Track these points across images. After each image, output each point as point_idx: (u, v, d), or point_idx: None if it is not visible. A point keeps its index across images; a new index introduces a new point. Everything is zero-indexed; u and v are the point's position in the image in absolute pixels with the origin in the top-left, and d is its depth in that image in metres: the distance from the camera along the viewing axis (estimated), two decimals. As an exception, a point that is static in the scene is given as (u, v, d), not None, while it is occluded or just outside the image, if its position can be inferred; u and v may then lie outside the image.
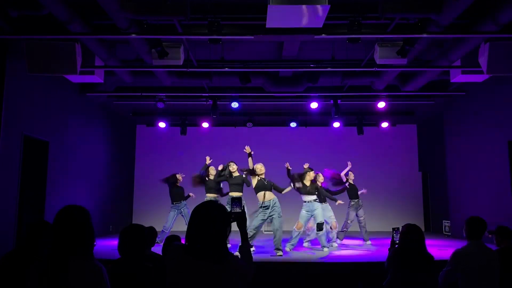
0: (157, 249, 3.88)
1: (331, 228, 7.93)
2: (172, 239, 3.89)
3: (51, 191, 7.55)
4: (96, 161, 9.92)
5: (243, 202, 6.90)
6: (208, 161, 8.10)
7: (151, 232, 4.00)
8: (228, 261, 2.03)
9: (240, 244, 2.32)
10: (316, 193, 7.61)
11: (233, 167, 7.69)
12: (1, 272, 2.86)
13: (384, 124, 11.43)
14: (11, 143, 6.43)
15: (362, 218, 8.37)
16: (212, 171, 8.00)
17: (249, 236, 6.60)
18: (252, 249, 6.44)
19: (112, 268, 2.54)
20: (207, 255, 2.01)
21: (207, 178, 7.93)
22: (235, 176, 7.62)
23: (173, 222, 8.38)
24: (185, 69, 7.21)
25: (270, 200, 7.13)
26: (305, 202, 7.57)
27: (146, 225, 4.15)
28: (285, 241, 7.43)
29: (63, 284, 1.92)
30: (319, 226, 7.30)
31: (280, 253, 6.85)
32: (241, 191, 7.58)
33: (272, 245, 7.16)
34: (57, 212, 2.10)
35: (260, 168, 7.34)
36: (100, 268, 2.03)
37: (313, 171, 7.77)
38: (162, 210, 11.36)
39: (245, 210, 7.23)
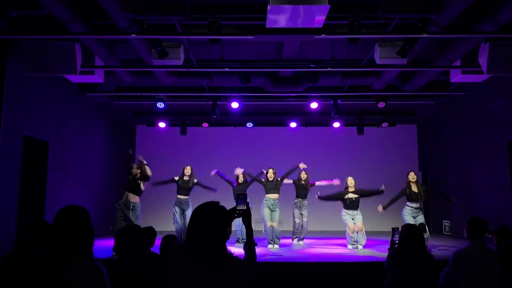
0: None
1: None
2: (169, 239, 3.90)
3: (51, 191, 7.55)
4: (96, 161, 9.92)
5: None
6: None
7: (151, 232, 4.01)
8: (228, 262, 2.04)
9: (246, 241, 2.31)
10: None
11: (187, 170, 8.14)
12: (1, 272, 2.87)
13: (384, 124, 11.43)
14: (11, 143, 6.43)
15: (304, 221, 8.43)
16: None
17: None
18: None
19: (111, 268, 2.54)
20: (207, 255, 2.01)
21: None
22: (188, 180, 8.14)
23: None
24: (185, 69, 7.21)
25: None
26: (411, 207, 7.43)
27: (146, 225, 4.16)
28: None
29: (63, 284, 1.92)
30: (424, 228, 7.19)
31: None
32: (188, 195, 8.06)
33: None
34: (57, 212, 2.10)
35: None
36: (100, 268, 2.03)
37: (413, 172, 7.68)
38: (162, 210, 11.37)
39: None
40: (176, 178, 8.18)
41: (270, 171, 8.25)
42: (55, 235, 2.05)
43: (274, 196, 8.11)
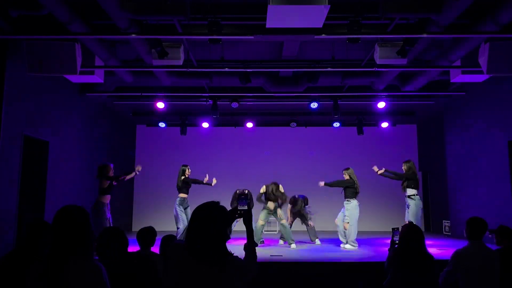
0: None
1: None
2: (169, 239, 3.90)
3: (51, 191, 7.54)
4: (96, 161, 9.89)
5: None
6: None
7: (150, 232, 4.01)
8: (228, 262, 2.03)
9: (246, 242, 2.30)
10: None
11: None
12: (1, 272, 2.86)
13: (384, 124, 11.43)
14: (11, 143, 6.43)
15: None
16: None
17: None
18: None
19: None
20: (207, 255, 2.01)
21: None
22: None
23: None
24: (185, 69, 7.20)
25: None
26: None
27: (146, 225, 4.16)
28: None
29: (63, 284, 1.92)
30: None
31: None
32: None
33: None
34: (56, 212, 2.10)
35: None
36: (100, 268, 2.03)
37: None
38: (162, 210, 11.38)
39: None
40: (187, 176, 8.15)
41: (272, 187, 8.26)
42: (54, 235, 2.05)
43: (274, 204, 8.21)
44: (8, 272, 2.84)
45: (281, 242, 8.47)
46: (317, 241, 8.47)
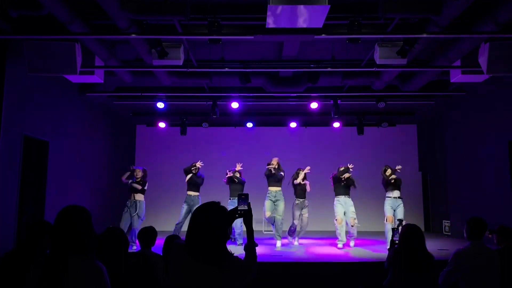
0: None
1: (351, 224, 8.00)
2: (172, 239, 3.90)
3: (51, 191, 7.55)
4: (96, 161, 9.92)
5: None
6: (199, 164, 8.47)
7: (151, 232, 4.02)
8: (228, 262, 2.03)
9: (246, 242, 2.30)
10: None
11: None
12: (1, 272, 2.86)
13: (384, 124, 11.43)
14: (11, 143, 6.43)
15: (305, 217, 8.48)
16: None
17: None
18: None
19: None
20: (206, 255, 2.01)
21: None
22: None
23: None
24: (185, 69, 7.20)
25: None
26: (389, 197, 7.81)
27: (147, 225, 4.17)
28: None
29: (63, 284, 1.92)
30: (401, 222, 7.23)
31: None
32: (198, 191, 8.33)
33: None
34: (58, 212, 2.10)
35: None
36: (100, 268, 2.03)
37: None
38: (162, 209, 11.39)
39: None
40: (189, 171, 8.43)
41: (274, 161, 8.29)
42: (55, 235, 2.05)
43: (276, 188, 8.17)
44: (8, 272, 2.84)
45: (295, 242, 8.46)
46: (296, 243, 8.45)
